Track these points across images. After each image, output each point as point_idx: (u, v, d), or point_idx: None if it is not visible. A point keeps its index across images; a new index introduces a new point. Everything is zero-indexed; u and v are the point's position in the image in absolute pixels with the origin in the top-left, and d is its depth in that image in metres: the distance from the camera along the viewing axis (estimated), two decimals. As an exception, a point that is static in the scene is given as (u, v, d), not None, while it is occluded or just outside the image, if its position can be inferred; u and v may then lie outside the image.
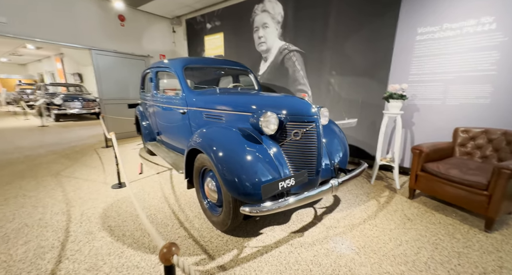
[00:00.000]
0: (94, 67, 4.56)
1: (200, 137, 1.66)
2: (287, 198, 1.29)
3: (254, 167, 1.35)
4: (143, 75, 3.44)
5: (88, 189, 2.44)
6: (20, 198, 2.20)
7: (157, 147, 3.22)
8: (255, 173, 1.33)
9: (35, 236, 1.62)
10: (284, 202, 1.23)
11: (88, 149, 4.14)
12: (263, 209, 1.19)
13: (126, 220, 1.86)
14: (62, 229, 1.71)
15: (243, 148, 1.42)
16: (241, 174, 1.32)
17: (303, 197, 1.29)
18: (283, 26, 3.75)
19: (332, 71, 3.29)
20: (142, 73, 3.45)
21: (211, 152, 1.47)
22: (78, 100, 8.17)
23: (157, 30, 5.74)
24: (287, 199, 1.26)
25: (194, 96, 2.23)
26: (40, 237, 1.61)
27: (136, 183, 2.63)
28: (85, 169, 3.07)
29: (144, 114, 3.56)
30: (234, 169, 1.34)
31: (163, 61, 2.81)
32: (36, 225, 1.75)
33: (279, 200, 1.25)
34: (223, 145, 1.47)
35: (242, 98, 1.83)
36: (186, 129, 2.39)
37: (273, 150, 1.50)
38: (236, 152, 1.40)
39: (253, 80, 3.06)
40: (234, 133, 1.55)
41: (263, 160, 1.41)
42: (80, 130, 6.15)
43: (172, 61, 2.55)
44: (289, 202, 1.24)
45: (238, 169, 1.34)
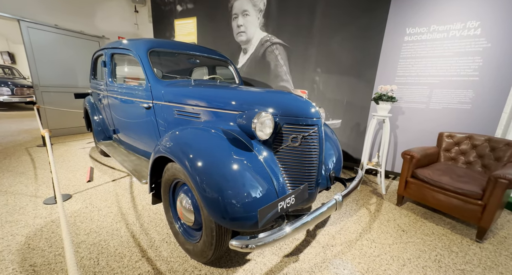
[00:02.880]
0: (25, 44, 3.62)
1: (172, 141, 1.27)
2: (289, 223, 1.02)
3: (246, 182, 1.04)
4: (93, 59, 2.78)
5: (6, 207, 1.80)
6: None
7: (114, 147, 2.64)
8: (247, 191, 1.03)
9: None
10: (286, 230, 0.95)
11: (16, 149, 3.26)
12: (260, 242, 0.90)
13: (62, 253, 1.36)
14: (-51, 277, 1.14)
15: (230, 157, 1.10)
16: (228, 192, 1.00)
17: (310, 219, 1.04)
18: (265, 15, 3.45)
19: (318, 68, 3.13)
20: (93, 56, 2.78)
21: (186, 162, 1.11)
22: (7, 86, 6.63)
23: (114, 7, 4.89)
24: (290, 224, 0.99)
25: (162, 87, 1.79)
26: None
27: (82, 195, 2.07)
28: (7, 177, 2.34)
29: (96, 107, 2.91)
30: (218, 186, 1.01)
31: (121, 41, 2.25)
32: None
33: (280, 227, 0.97)
34: (203, 153, 1.12)
35: (227, 93, 1.49)
36: (150, 127, 1.93)
37: (266, 159, 1.21)
38: (221, 162, 1.07)
39: (234, 73, 2.71)
40: (217, 136, 1.21)
41: (255, 172, 1.11)
42: (8, 123, 4.94)
43: (134, 42, 2.04)
44: (292, 229, 0.97)
45: (224, 186, 1.01)
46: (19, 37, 9.48)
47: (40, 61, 3.80)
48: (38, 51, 3.75)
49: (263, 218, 0.99)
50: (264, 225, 1.04)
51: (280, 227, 0.97)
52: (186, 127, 1.38)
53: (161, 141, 1.37)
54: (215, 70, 2.94)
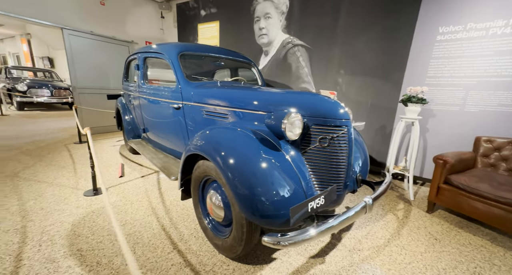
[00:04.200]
0: (66, 50, 3.97)
1: (204, 139, 1.34)
2: (320, 223, 1.02)
3: (276, 181, 1.07)
4: (127, 62, 2.98)
5: (52, 197, 2.00)
6: (-42, 209, 1.72)
7: (143, 146, 2.81)
8: (278, 189, 1.05)
9: (-29, 268, 1.21)
10: (320, 229, 0.96)
11: (57, 145, 3.58)
12: (292, 240, 0.92)
13: (103, 240, 1.49)
14: (11, 256, 1.30)
15: (260, 155, 1.13)
16: (260, 190, 1.03)
17: (341, 221, 1.03)
18: (287, 18, 3.47)
19: (341, 70, 3.08)
20: (126, 60, 2.99)
21: (219, 160, 1.16)
22: (47, 88, 7.30)
23: (143, 14, 5.20)
24: (322, 225, 0.99)
25: (191, 88, 1.88)
26: (-22, 269, 1.20)
27: (115, 189, 2.23)
28: (51, 170, 2.58)
29: (127, 107, 3.11)
30: (251, 183, 1.05)
31: (153, 45, 2.41)
32: (-25, 250, 1.33)
33: (312, 227, 0.98)
34: (236, 151, 1.17)
35: (254, 94, 1.53)
36: (179, 127, 2.04)
37: (293, 159, 1.23)
38: (252, 160, 1.11)
39: (257, 74, 2.76)
40: (247, 136, 1.25)
41: (284, 172, 1.13)
42: (48, 122, 5.43)
43: (165, 46, 2.17)
44: (325, 229, 0.97)
45: (257, 183, 1.05)
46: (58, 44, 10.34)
47: (78, 64, 4.15)
48: (76, 56, 4.10)
49: (294, 216, 1.01)
50: (294, 224, 1.06)
51: (311, 227, 0.98)
52: (217, 126, 1.44)
53: (193, 139, 1.44)
54: (237, 72, 3.01)
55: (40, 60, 11.66)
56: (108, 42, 4.53)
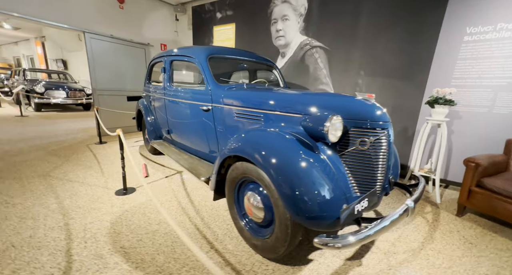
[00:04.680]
0: (87, 53, 4.10)
1: (244, 142, 1.38)
2: (368, 225, 1.05)
3: (322, 183, 1.10)
4: (151, 65, 3.07)
5: (86, 196, 2.08)
6: (2, 207, 1.82)
7: (165, 146, 2.89)
8: (324, 191, 1.08)
9: (26, 263, 1.28)
10: (370, 232, 0.99)
11: (79, 145, 3.70)
12: (345, 242, 0.94)
13: (142, 238, 1.55)
14: (62, 252, 1.37)
15: (303, 157, 1.16)
16: (308, 192, 1.07)
17: (387, 224, 1.05)
18: (306, 20, 3.49)
19: (361, 71, 3.09)
20: (150, 62, 3.07)
21: (264, 162, 1.20)
22: (64, 89, 7.53)
23: (158, 16, 5.31)
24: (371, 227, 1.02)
25: (222, 91, 1.93)
26: (33, 264, 1.27)
27: (144, 189, 2.30)
28: (79, 170, 2.68)
29: (149, 109, 3.20)
30: (298, 185, 1.08)
31: (179, 48, 2.48)
32: (26, 246, 1.40)
33: (362, 230, 1.00)
34: (279, 153, 1.20)
35: (290, 97, 1.56)
36: (208, 128, 2.09)
37: (332, 161, 1.26)
38: (297, 162, 1.14)
39: (278, 76, 2.79)
40: (287, 138, 1.28)
41: (327, 174, 1.16)
42: (66, 123, 5.61)
43: (194, 49, 2.23)
44: (375, 232, 1.00)
45: (304, 186, 1.08)
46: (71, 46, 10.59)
47: (98, 67, 4.28)
48: (97, 58, 4.23)
49: (343, 218, 1.04)
50: (341, 226, 1.09)
51: (361, 229, 1.00)
52: (255, 129, 1.48)
53: (231, 142, 1.49)
54: (256, 74, 3.05)
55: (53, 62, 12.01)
56: (126, 45, 4.66)
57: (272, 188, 1.19)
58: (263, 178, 1.25)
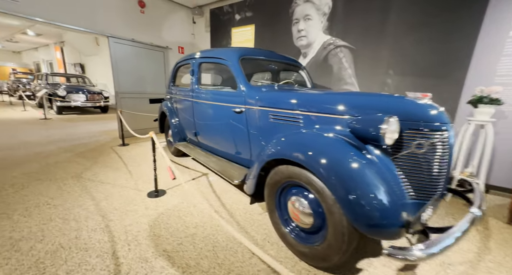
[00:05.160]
0: (111, 57, 4.23)
1: (290, 144, 1.36)
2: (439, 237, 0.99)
3: (382, 188, 1.05)
4: (176, 67, 3.11)
5: (121, 198, 2.12)
6: (44, 208, 1.88)
7: (191, 148, 2.91)
8: (389, 198, 1.04)
9: (77, 264, 1.30)
10: (446, 243, 0.93)
11: (104, 148, 3.81)
12: (424, 253, 0.88)
13: (182, 242, 1.55)
14: (108, 254, 1.39)
15: (357, 161, 1.12)
16: (370, 197, 1.02)
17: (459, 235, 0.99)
18: (330, 19, 3.44)
19: (389, 70, 3.00)
20: (175, 65, 3.12)
21: (317, 166, 1.16)
22: (83, 92, 7.81)
23: (176, 20, 5.41)
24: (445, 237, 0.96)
25: (256, 92, 1.92)
26: (84, 266, 1.29)
27: (174, 192, 2.32)
28: (109, 172, 2.75)
29: (173, 111, 3.24)
30: (359, 190, 1.04)
31: (208, 51, 2.50)
32: (74, 247, 1.44)
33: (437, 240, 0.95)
34: (331, 156, 1.17)
35: (334, 98, 1.52)
36: (239, 131, 2.08)
37: (386, 165, 1.21)
38: (352, 166, 1.10)
39: (305, 77, 2.76)
40: (336, 141, 1.25)
41: (384, 179, 1.11)
42: (87, 125, 5.80)
43: (225, 51, 2.23)
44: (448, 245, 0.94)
45: (365, 190, 1.04)
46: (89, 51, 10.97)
47: (120, 70, 4.40)
48: (120, 62, 4.36)
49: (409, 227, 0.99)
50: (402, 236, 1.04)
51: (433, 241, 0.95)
52: (299, 131, 1.46)
53: (272, 144, 1.47)
54: (279, 75, 3.03)
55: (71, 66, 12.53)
56: (146, 48, 4.77)
57: (326, 194, 1.16)
58: (314, 183, 1.21)
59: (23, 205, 1.90)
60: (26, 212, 1.81)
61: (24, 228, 1.60)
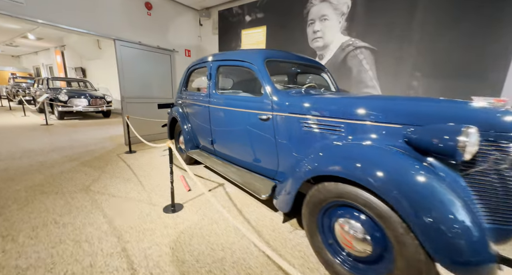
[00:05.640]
0: (117, 61, 4.10)
1: (339, 157, 1.20)
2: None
3: (470, 216, 0.89)
4: (189, 71, 2.97)
5: (135, 214, 1.95)
6: (53, 227, 1.71)
7: (205, 157, 2.75)
8: (476, 227, 0.87)
9: (95, 300, 1.13)
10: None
11: (110, 155, 3.65)
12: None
13: (211, 269, 1.37)
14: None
15: (438, 182, 0.96)
16: (454, 226, 0.86)
17: None
18: (348, 19, 3.31)
19: (416, 72, 2.85)
20: (188, 69, 2.98)
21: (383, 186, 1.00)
22: (85, 97, 7.69)
23: (183, 22, 5.31)
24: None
25: (286, 98, 1.76)
26: (103, 302, 1.12)
27: (191, 206, 2.15)
28: (119, 183, 2.58)
29: (186, 117, 3.09)
30: (443, 217, 0.88)
31: (226, 53, 2.35)
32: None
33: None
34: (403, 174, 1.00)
35: (385, 103, 1.33)
36: (265, 140, 1.92)
37: (457, 183, 1.05)
38: (434, 187, 0.94)
39: (329, 80, 2.61)
40: (400, 155, 1.09)
41: (466, 201, 0.95)
42: (91, 131, 5.65)
43: (248, 53, 2.09)
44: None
45: (448, 217, 0.87)
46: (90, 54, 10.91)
47: (126, 75, 4.26)
48: (126, 66, 4.23)
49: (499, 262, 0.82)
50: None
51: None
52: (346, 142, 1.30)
53: (315, 157, 1.31)
54: (296, 78, 2.88)
55: (72, 70, 12.47)
56: (153, 51, 4.65)
57: (393, 219, 0.99)
58: (375, 206, 1.05)
59: (29, 224, 1.73)
60: (32, 232, 1.64)
61: (32, 254, 1.43)
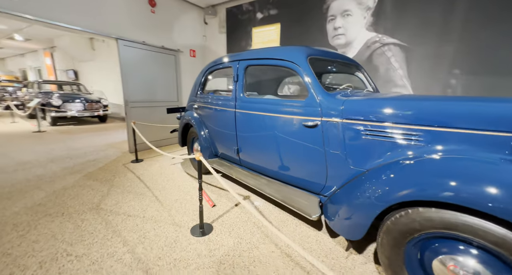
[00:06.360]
0: (120, 62, 3.83)
1: (439, 176, 0.98)
2: None
3: None
4: (207, 72, 2.73)
5: (159, 239, 1.69)
6: (65, 261, 1.44)
7: (228, 167, 2.51)
8: None
9: None
10: None
11: (116, 165, 3.36)
12: None
13: (272, 314, 1.13)
14: None
15: None
16: None
17: None
18: (375, 13, 3.14)
19: (455, 70, 2.68)
20: (206, 69, 2.74)
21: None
22: (80, 101, 7.34)
23: (187, 20, 5.07)
24: None
25: (339, 100, 1.54)
26: None
27: (221, 225, 1.90)
28: (132, 199, 2.31)
29: (202, 122, 2.84)
30: None
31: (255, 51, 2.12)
32: None
33: None
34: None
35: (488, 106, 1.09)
36: (312, 149, 1.69)
37: None
38: None
39: (365, 79, 2.41)
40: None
41: None
42: (88, 137, 5.32)
43: (285, 50, 1.87)
44: None
45: None
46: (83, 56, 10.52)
47: (130, 77, 3.99)
48: (129, 67, 3.95)
49: None
50: None
51: None
52: (446, 157, 1.08)
53: (401, 176, 1.09)
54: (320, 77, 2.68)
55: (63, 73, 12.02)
56: (157, 51, 4.39)
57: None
58: (491, 232, 0.83)
59: (35, 259, 1.45)
60: (41, 270, 1.36)
61: (44, 301, 1.16)
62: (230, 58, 2.34)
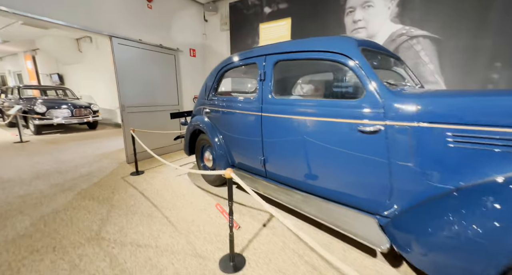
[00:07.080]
0: (114, 63, 3.46)
1: None
2: None
3: None
4: (222, 71, 2.40)
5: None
6: (62, 325, 1.08)
7: (251, 180, 2.19)
8: None
9: None
10: None
11: (114, 179, 2.98)
12: None
13: None
14: None
15: None
16: None
17: None
18: (401, 3, 2.91)
19: (496, 63, 2.47)
20: (220, 67, 2.41)
21: None
22: (67, 107, 6.84)
23: (186, 17, 4.74)
24: None
25: (412, 99, 1.26)
26: None
27: (254, 255, 1.57)
28: (139, 223, 1.95)
29: (216, 128, 2.51)
30: None
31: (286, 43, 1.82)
32: None
33: None
34: None
35: None
36: (370, 161, 1.40)
37: None
38: None
39: (408, 74, 2.14)
40: None
41: None
42: (78, 147, 4.88)
43: (330, 40, 1.58)
44: None
45: None
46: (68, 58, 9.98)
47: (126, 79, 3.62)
48: (125, 68, 3.58)
49: None
50: None
51: None
52: None
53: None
54: None
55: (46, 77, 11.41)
56: (155, 51, 4.04)
57: None
58: None
59: (21, 322, 1.09)
60: None
61: None
62: (252, 53, 2.03)
